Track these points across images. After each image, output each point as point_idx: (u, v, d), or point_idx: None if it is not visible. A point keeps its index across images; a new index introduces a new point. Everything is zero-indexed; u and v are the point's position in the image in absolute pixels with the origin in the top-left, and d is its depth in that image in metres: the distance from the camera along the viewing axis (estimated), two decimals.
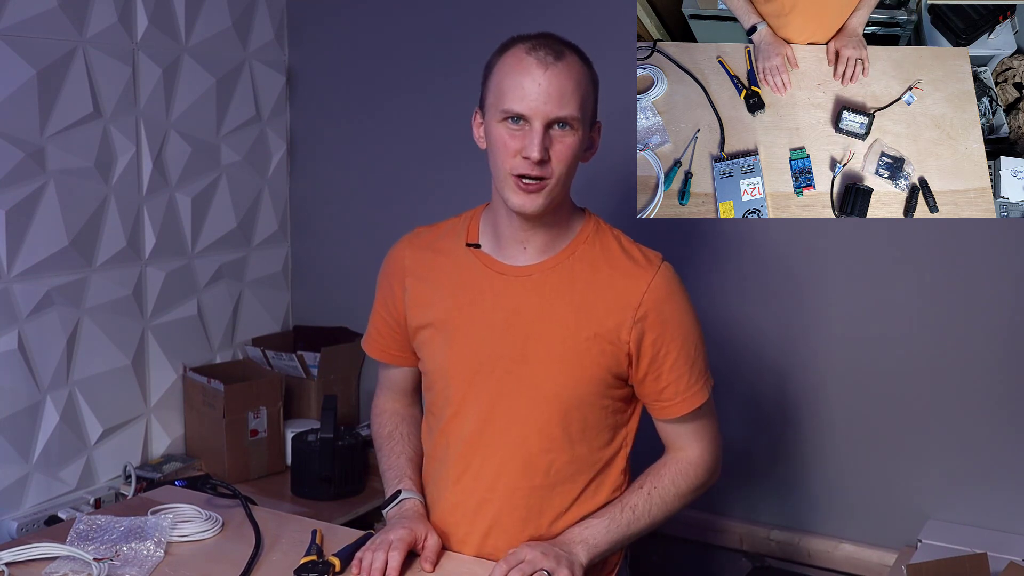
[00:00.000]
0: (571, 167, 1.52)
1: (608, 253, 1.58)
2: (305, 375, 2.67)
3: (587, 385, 1.55)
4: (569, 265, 1.57)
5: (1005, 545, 1.93)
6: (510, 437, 1.57)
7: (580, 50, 1.54)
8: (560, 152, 1.49)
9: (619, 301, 1.53)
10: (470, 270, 1.61)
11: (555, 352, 1.54)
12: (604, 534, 1.53)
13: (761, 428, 2.29)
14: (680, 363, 1.57)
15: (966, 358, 2.05)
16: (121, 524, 1.62)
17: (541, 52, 1.49)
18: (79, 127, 2.24)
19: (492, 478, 1.58)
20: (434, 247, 1.67)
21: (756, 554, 2.27)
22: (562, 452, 1.56)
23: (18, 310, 2.14)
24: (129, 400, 2.41)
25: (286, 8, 2.79)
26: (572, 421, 1.56)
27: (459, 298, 1.61)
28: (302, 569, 1.49)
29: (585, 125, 1.52)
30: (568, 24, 2.41)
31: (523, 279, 1.57)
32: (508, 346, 1.56)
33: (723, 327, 2.31)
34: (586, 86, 1.52)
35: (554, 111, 1.47)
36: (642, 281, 1.54)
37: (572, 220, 1.60)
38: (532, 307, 1.56)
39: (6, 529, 2.13)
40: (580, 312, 1.54)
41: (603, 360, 1.54)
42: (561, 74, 1.48)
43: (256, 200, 2.75)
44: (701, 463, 1.62)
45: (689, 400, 1.58)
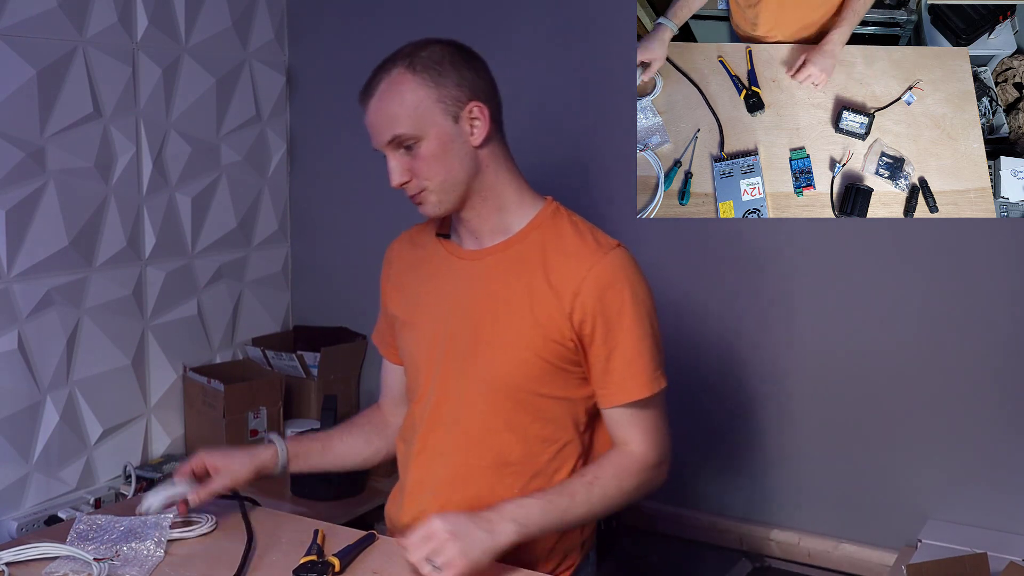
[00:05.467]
0: (443, 168, 1.53)
1: (561, 238, 1.57)
2: (305, 375, 2.67)
3: (534, 369, 1.55)
4: (520, 249, 1.58)
5: (1005, 545, 1.93)
6: (461, 418, 1.59)
7: (412, 53, 1.54)
8: (420, 166, 1.53)
9: (564, 285, 1.53)
10: (438, 259, 1.66)
11: (503, 336, 1.56)
12: (538, 515, 1.47)
13: (761, 428, 2.29)
14: (623, 352, 1.54)
15: (966, 358, 2.05)
16: (121, 524, 1.62)
17: (364, 91, 1.56)
18: (79, 127, 2.24)
19: (446, 457, 1.61)
20: (415, 241, 1.73)
21: (756, 554, 2.27)
22: (511, 435, 1.57)
23: (18, 310, 2.14)
24: (129, 400, 2.41)
25: (286, 8, 2.79)
26: (522, 405, 1.57)
27: (426, 286, 1.66)
28: (301, 569, 1.49)
29: (436, 125, 1.52)
30: (568, 24, 2.42)
31: (476, 263, 1.60)
32: (462, 329, 1.59)
33: (723, 327, 2.31)
34: (414, 93, 1.51)
35: (385, 138, 1.53)
36: (586, 265, 1.53)
37: (526, 205, 1.61)
38: (483, 290, 1.58)
39: (6, 529, 2.13)
40: (528, 295, 1.54)
41: (549, 344, 1.54)
42: (377, 102, 1.53)
43: (256, 200, 2.75)
44: (645, 459, 1.57)
45: (629, 390, 1.55)
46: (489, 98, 1.56)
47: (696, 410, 2.36)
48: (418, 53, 1.53)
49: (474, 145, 1.54)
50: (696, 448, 2.37)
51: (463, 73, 1.53)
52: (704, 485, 2.37)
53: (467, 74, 1.53)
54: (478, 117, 1.53)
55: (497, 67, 1.61)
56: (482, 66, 1.57)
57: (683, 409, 2.40)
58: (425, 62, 1.52)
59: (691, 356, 2.35)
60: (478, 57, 1.58)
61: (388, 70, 1.53)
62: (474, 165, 1.55)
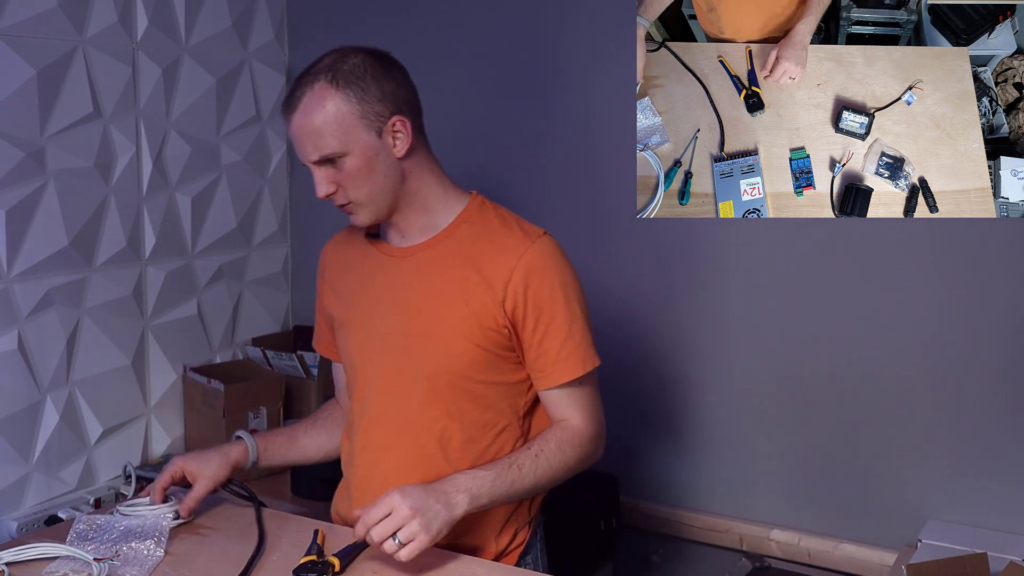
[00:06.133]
0: (368, 181, 1.56)
1: (488, 230, 1.62)
2: (305, 375, 2.66)
3: (470, 357, 1.59)
4: (449, 244, 1.62)
5: (1005, 545, 1.93)
6: (401, 411, 1.64)
7: (334, 66, 1.54)
8: (345, 180, 1.56)
9: (495, 275, 1.57)
10: (370, 258, 1.70)
11: (437, 327, 1.60)
12: (488, 487, 1.53)
13: (761, 428, 2.29)
14: (555, 335, 1.59)
15: (966, 358, 2.05)
16: (121, 524, 1.62)
17: (286, 103, 1.57)
18: (79, 127, 2.24)
19: (389, 450, 1.65)
20: (348, 241, 1.76)
21: (756, 554, 2.27)
22: (451, 422, 1.62)
23: (18, 310, 2.14)
24: (129, 400, 2.41)
25: (286, 8, 2.79)
26: (460, 393, 1.61)
27: (360, 285, 1.70)
28: (301, 569, 1.49)
29: (360, 141, 1.54)
30: (568, 25, 2.42)
31: (406, 260, 1.65)
32: (394, 324, 1.63)
33: (723, 327, 2.31)
34: (337, 109, 1.53)
35: (310, 156, 1.56)
36: (515, 255, 1.58)
37: (451, 202, 1.65)
38: (415, 286, 1.63)
39: (6, 529, 2.13)
40: (461, 287, 1.59)
41: (485, 332, 1.58)
42: (301, 116, 1.54)
43: (256, 200, 2.75)
44: (585, 432, 1.63)
45: (563, 371, 1.60)
46: (410, 108, 1.59)
47: (696, 410, 2.37)
48: (340, 66, 1.54)
49: (398, 157, 1.58)
50: (696, 448, 2.37)
51: (384, 87, 1.55)
52: (704, 485, 2.37)
53: (388, 87, 1.56)
54: (400, 131, 1.57)
55: (497, 67, 1.61)
56: (402, 75, 1.60)
57: (683, 409, 2.40)
58: (348, 76, 1.53)
59: (690, 356, 2.35)
60: (398, 66, 1.60)
61: (311, 83, 1.54)
62: (399, 175, 1.59)
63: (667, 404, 2.39)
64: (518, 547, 1.69)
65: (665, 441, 2.41)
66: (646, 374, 2.41)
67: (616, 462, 2.47)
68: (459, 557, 1.58)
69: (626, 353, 2.40)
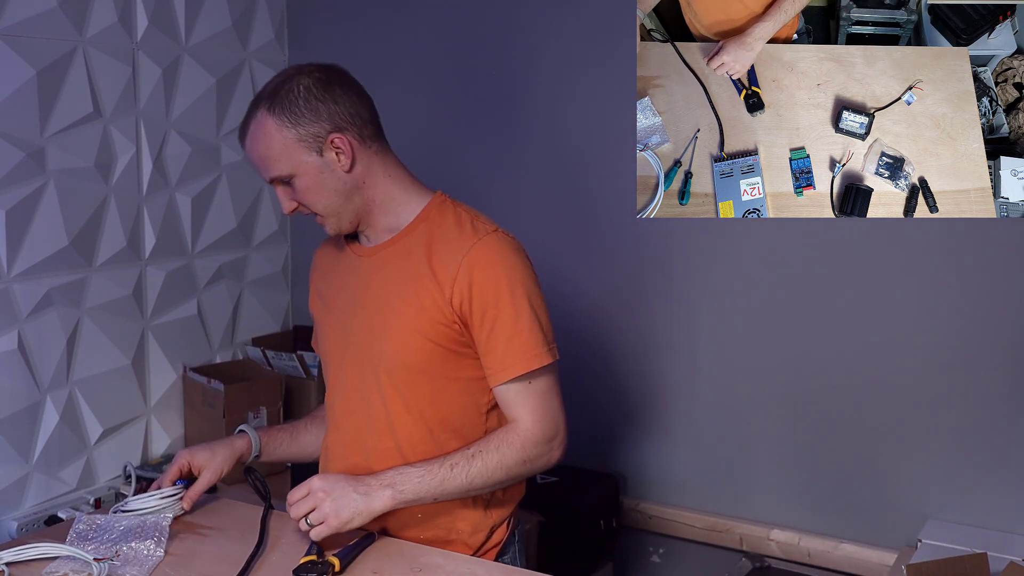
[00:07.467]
0: (321, 197, 1.61)
1: (443, 227, 1.64)
2: (305, 375, 2.66)
3: (426, 354, 1.61)
4: (408, 243, 1.65)
5: (1005, 545, 1.93)
6: (366, 406, 1.67)
7: (273, 93, 1.59)
8: (300, 196, 1.62)
9: (443, 272, 1.60)
10: (345, 260, 1.74)
11: (393, 324, 1.63)
12: (415, 483, 1.55)
13: (761, 428, 2.29)
14: (501, 330, 1.59)
15: (966, 358, 2.05)
16: (121, 524, 1.62)
17: (240, 131, 1.64)
18: (79, 127, 2.24)
19: (356, 444, 1.69)
20: (334, 242, 1.80)
21: (756, 554, 2.27)
22: (411, 417, 1.64)
23: (18, 310, 2.14)
24: (129, 400, 2.41)
25: (286, 8, 2.79)
26: (418, 388, 1.63)
27: (335, 285, 1.75)
28: (301, 569, 1.49)
29: (303, 163, 1.59)
30: (569, 25, 2.42)
31: (371, 258, 1.69)
32: (359, 321, 1.68)
33: (722, 326, 2.31)
34: (277, 135, 1.58)
35: (265, 178, 1.64)
36: (462, 251, 1.59)
37: (413, 202, 1.67)
38: (377, 284, 1.66)
39: (6, 529, 2.13)
40: (414, 283, 1.62)
41: (435, 328, 1.60)
42: (250, 143, 1.62)
43: (256, 200, 2.75)
44: (531, 435, 1.61)
45: (509, 367, 1.59)
46: (350, 122, 1.61)
47: (695, 410, 2.37)
48: (277, 92, 1.59)
49: (345, 171, 1.61)
50: (696, 448, 2.37)
51: (318, 108, 1.58)
52: (704, 485, 2.37)
53: (323, 108, 1.58)
54: (340, 148, 1.60)
55: (496, 67, 1.61)
56: (344, 91, 1.61)
57: (683, 409, 2.40)
58: (283, 103, 1.58)
59: (690, 355, 2.36)
60: (342, 81, 1.62)
61: (254, 112, 1.61)
62: (351, 187, 1.63)
63: (667, 404, 2.40)
64: (495, 546, 1.69)
65: (665, 441, 2.41)
66: (646, 374, 2.41)
67: (616, 462, 2.47)
68: (460, 557, 1.58)
69: (626, 353, 2.41)
